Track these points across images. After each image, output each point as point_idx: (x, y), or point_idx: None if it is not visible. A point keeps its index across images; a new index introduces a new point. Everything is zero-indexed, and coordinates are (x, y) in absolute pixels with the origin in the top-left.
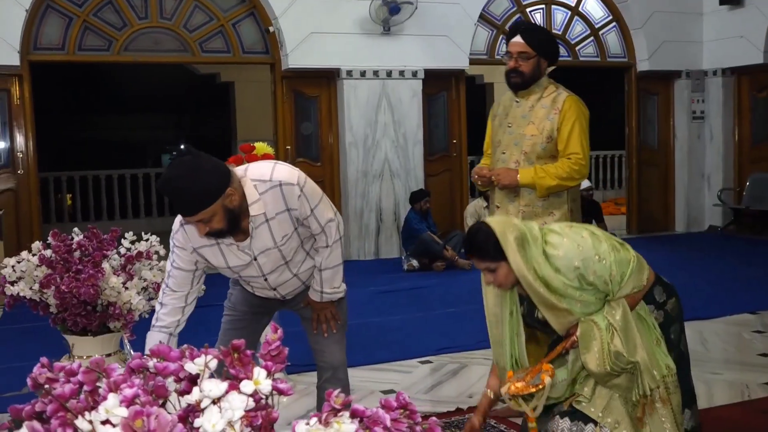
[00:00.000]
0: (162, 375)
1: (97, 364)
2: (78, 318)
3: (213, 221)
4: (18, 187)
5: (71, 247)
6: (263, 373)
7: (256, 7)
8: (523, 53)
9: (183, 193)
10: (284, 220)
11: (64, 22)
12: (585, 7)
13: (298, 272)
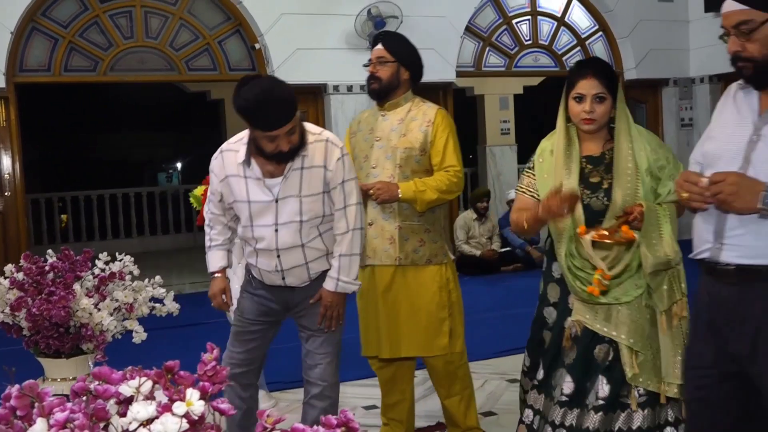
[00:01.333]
0: (102, 398)
1: (30, 389)
2: (50, 340)
3: (293, 136)
4: (5, 210)
5: (44, 269)
6: (196, 394)
7: (241, 24)
8: (381, 58)
9: (280, 102)
10: (317, 176)
11: (49, 44)
12: (571, 18)
13: (306, 243)
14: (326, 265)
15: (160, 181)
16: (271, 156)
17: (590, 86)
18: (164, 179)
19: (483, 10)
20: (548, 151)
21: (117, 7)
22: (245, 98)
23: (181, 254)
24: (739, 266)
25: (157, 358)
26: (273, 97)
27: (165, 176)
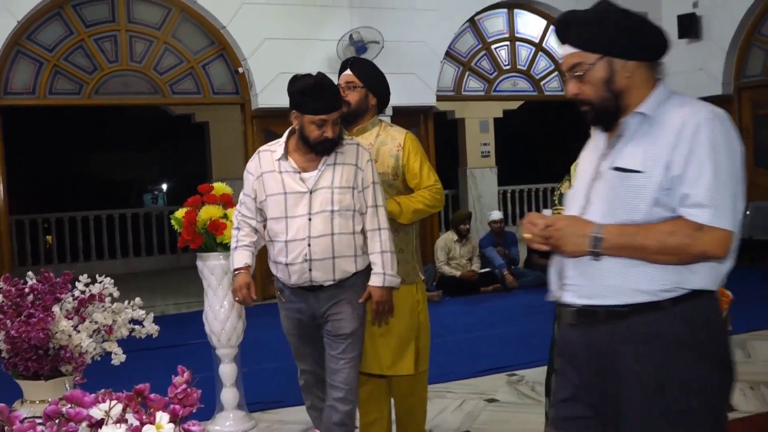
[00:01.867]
0: (74, 420)
1: (0, 412)
2: (29, 362)
3: (336, 126)
4: None
5: (23, 292)
6: (165, 417)
7: (225, 48)
8: (351, 83)
9: (332, 89)
10: (349, 172)
11: (34, 67)
12: (548, 44)
13: (336, 233)
14: (352, 268)
15: (146, 202)
16: (315, 143)
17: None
18: (150, 200)
19: (462, 36)
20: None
21: (102, 31)
22: (303, 84)
23: (164, 275)
24: (578, 307)
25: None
26: (327, 84)
27: (150, 197)
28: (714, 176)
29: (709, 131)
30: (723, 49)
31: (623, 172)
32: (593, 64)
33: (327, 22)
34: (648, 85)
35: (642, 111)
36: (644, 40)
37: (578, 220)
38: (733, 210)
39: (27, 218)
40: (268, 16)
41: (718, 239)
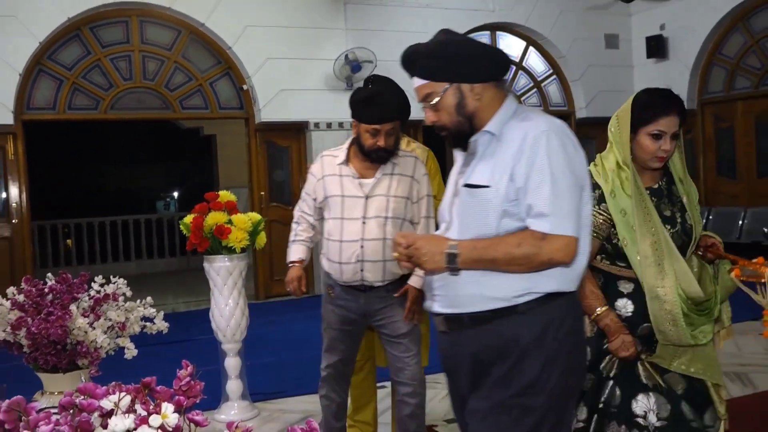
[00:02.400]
0: (87, 411)
1: (17, 404)
2: (48, 357)
3: (390, 138)
4: (12, 235)
5: (43, 291)
6: (170, 407)
7: (231, 67)
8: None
9: (384, 103)
10: (404, 183)
11: (55, 84)
12: (528, 62)
13: (388, 238)
14: (400, 271)
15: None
16: (369, 152)
17: (672, 124)
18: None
19: None
20: (619, 185)
21: (117, 51)
22: (361, 94)
23: (174, 276)
24: (445, 316)
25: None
26: (382, 95)
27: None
28: (552, 186)
29: (546, 143)
30: (687, 68)
31: (473, 188)
32: (443, 93)
33: (324, 43)
34: (496, 103)
35: (489, 130)
36: (485, 63)
37: (435, 239)
38: (574, 216)
39: (48, 224)
40: (270, 38)
41: (561, 246)
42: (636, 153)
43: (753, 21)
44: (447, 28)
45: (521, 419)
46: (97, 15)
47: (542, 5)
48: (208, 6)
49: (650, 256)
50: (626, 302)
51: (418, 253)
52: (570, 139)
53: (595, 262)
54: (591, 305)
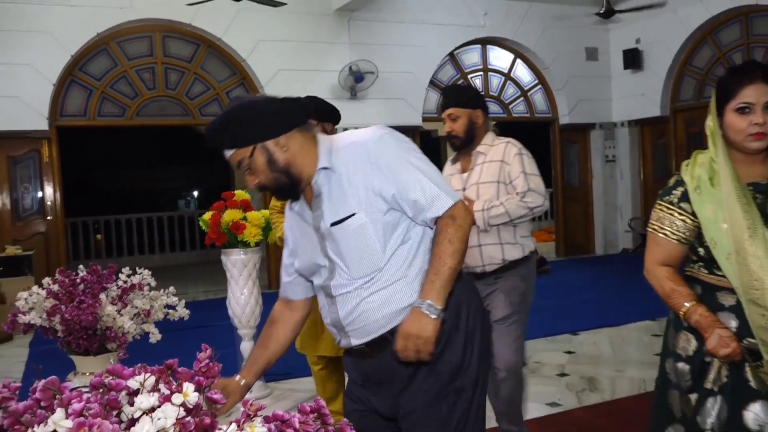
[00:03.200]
0: (115, 390)
1: (52, 383)
2: (80, 341)
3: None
4: (48, 231)
5: (75, 281)
6: (191, 387)
7: (245, 78)
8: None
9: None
10: (494, 168)
11: (85, 93)
12: (515, 73)
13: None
14: (499, 255)
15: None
16: (446, 138)
17: (760, 93)
18: (183, 204)
19: (444, 67)
20: (706, 180)
21: (142, 63)
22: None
23: (195, 268)
24: (366, 344)
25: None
26: (448, 90)
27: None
28: (421, 174)
29: (384, 148)
30: (661, 78)
31: (341, 223)
32: (251, 156)
33: (330, 56)
34: (309, 146)
35: (322, 166)
36: (279, 117)
37: (410, 323)
38: (444, 186)
39: (80, 220)
40: (281, 51)
41: (459, 212)
42: (729, 137)
43: (721, 35)
44: (237, 95)
45: (457, 402)
46: (124, 30)
47: (528, 21)
48: (224, 22)
49: (745, 253)
50: (728, 316)
51: (414, 344)
52: (394, 132)
53: (692, 270)
54: (677, 303)
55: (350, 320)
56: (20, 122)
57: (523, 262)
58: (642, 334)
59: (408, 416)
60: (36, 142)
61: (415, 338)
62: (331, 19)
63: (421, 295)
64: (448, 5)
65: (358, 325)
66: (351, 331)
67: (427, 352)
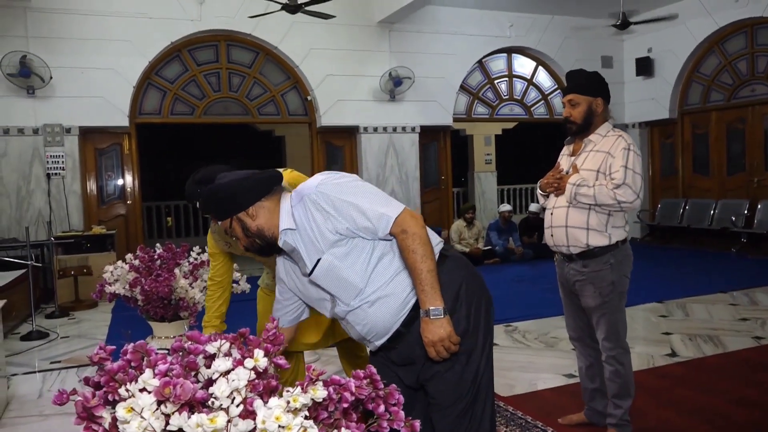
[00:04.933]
0: (194, 354)
1: (141, 347)
2: (157, 309)
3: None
4: (127, 214)
5: (153, 258)
6: (261, 353)
7: (297, 82)
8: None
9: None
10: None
11: (160, 94)
12: (537, 79)
13: (570, 204)
14: (584, 239)
15: None
16: (565, 122)
17: None
18: None
19: (473, 73)
20: None
21: (209, 69)
22: None
23: None
24: (388, 339)
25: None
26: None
27: None
28: (361, 202)
29: (324, 195)
30: (670, 84)
31: (314, 271)
32: (230, 225)
33: (372, 63)
34: (274, 210)
35: (285, 228)
36: (245, 194)
37: (427, 332)
38: (390, 202)
39: (154, 204)
40: (329, 58)
41: (409, 219)
42: None
43: (727, 45)
44: (223, 173)
45: (469, 360)
46: (194, 40)
47: (550, 32)
48: (280, 32)
49: None
50: None
51: (441, 346)
52: (331, 174)
53: None
54: None
55: (367, 331)
56: (105, 119)
57: (609, 250)
58: (650, 314)
59: (430, 380)
60: (118, 137)
61: (439, 341)
62: (374, 30)
63: (421, 305)
64: (478, 18)
65: (375, 332)
66: (372, 338)
67: (454, 343)
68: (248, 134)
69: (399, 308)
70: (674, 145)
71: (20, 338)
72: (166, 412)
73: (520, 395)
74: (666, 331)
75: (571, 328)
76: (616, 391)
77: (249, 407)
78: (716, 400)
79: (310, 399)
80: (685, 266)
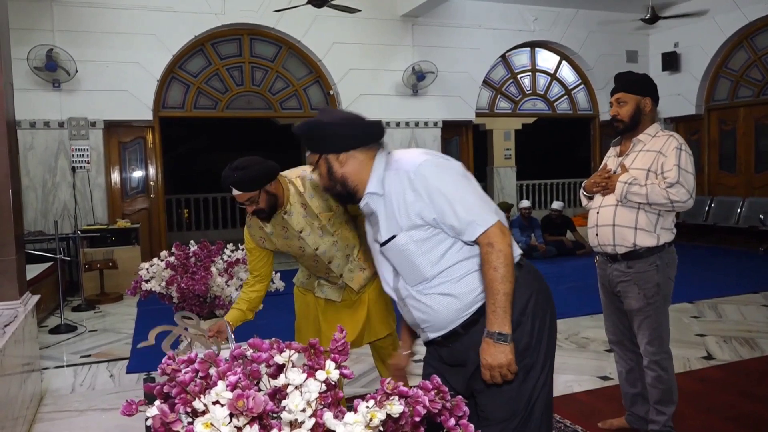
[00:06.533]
0: (256, 362)
1: (210, 356)
2: (193, 307)
3: (625, 108)
4: (150, 207)
5: (188, 255)
6: (332, 364)
7: (320, 76)
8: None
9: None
10: (648, 157)
11: (183, 88)
12: (561, 74)
13: (619, 203)
14: (631, 238)
15: None
16: (612, 121)
17: None
18: None
19: (496, 68)
20: None
21: (232, 62)
22: None
23: None
24: (442, 336)
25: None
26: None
27: None
28: (456, 202)
29: (422, 177)
30: (697, 79)
31: (386, 244)
32: (317, 162)
33: (395, 57)
34: (366, 167)
35: (371, 191)
36: (345, 137)
37: (486, 352)
38: (486, 210)
39: (174, 197)
40: (352, 53)
41: (498, 233)
42: None
43: (756, 39)
44: (325, 107)
45: (527, 377)
46: (217, 33)
47: (574, 26)
48: (303, 27)
49: None
50: None
51: (498, 372)
52: (430, 154)
53: None
54: None
55: (423, 320)
56: (129, 113)
57: (656, 251)
58: (681, 315)
59: (483, 393)
60: (142, 130)
61: (498, 368)
62: (397, 24)
63: (488, 325)
64: (501, 11)
65: (430, 324)
66: (426, 328)
67: (511, 372)
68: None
69: (461, 309)
70: (700, 141)
71: (49, 331)
72: (237, 425)
73: (555, 398)
74: (700, 333)
75: (610, 332)
76: (659, 397)
77: (319, 420)
78: (760, 407)
79: (386, 414)
80: (713, 265)
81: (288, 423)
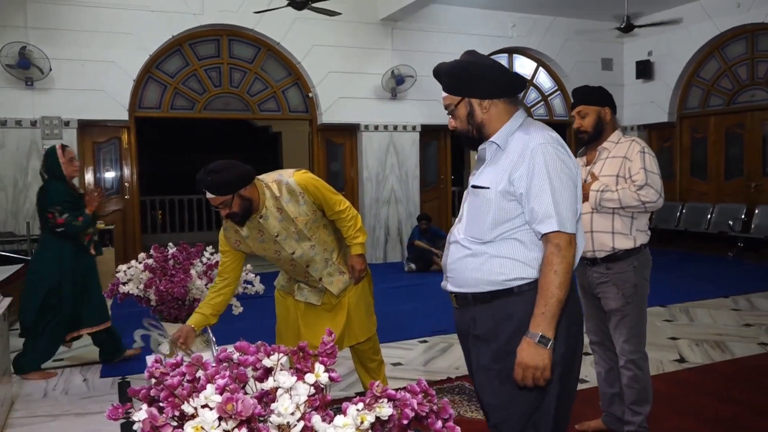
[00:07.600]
0: (243, 365)
1: (197, 360)
2: (172, 310)
3: (591, 121)
4: (125, 208)
5: (167, 257)
6: (321, 367)
7: (299, 78)
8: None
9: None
10: (615, 163)
11: (160, 88)
12: (538, 80)
13: (594, 210)
14: (609, 242)
15: None
16: (577, 133)
17: None
18: None
19: None
20: None
21: (210, 63)
22: None
23: None
24: (456, 294)
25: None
26: (582, 86)
27: None
28: (552, 192)
29: (543, 153)
30: (670, 88)
31: (477, 189)
32: (457, 105)
33: (375, 61)
34: (504, 117)
35: (494, 141)
36: (494, 83)
37: (524, 354)
38: (572, 216)
39: (148, 199)
40: (332, 55)
41: (567, 242)
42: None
43: (727, 50)
44: (471, 50)
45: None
46: (195, 34)
47: (552, 34)
48: (283, 29)
49: None
50: None
51: (532, 374)
52: (563, 147)
53: None
54: None
55: (450, 267)
56: (104, 112)
57: (633, 252)
58: (654, 318)
59: (482, 375)
60: (117, 130)
61: (533, 369)
62: (376, 28)
63: (533, 325)
64: (480, 18)
65: (453, 275)
66: (449, 278)
67: (543, 379)
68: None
69: (485, 283)
70: (672, 148)
71: (19, 335)
72: (226, 428)
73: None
74: (672, 336)
75: (591, 332)
76: (634, 398)
77: (307, 423)
78: (735, 409)
79: (375, 416)
80: (684, 270)
81: (277, 426)
